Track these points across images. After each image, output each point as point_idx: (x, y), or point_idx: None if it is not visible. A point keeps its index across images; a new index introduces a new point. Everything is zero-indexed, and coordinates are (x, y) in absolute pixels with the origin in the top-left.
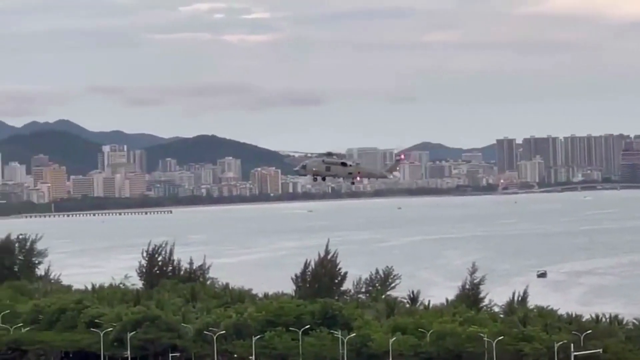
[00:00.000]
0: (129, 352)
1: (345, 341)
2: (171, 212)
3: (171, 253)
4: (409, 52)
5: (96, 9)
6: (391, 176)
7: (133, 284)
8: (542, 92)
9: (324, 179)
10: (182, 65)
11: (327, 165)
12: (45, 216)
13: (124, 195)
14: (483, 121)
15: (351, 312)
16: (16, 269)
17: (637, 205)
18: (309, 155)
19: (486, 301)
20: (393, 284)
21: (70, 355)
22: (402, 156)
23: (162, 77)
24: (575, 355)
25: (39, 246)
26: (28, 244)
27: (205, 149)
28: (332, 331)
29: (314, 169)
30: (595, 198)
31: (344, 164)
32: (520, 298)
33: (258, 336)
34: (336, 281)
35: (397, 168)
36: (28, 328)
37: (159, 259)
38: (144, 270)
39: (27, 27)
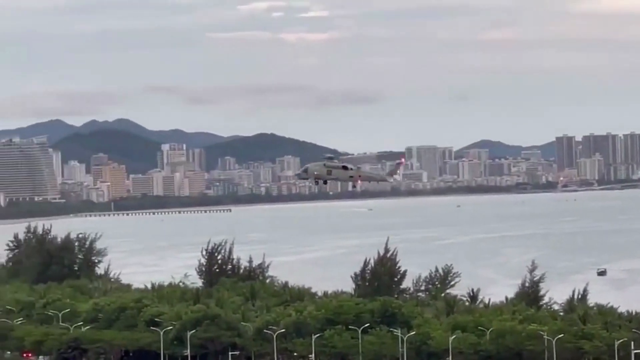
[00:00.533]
0: (188, 350)
1: (404, 339)
2: (230, 210)
3: (230, 251)
4: (468, 50)
5: (155, 8)
6: (391, 180)
7: (193, 283)
8: (601, 89)
9: (325, 182)
10: (241, 63)
11: (329, 169)
12: (104, 215)
13: (183, 194)
14: (542, 118)
15: (411, 311)
16: (76, 268)
17: None
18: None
19: (546, 299)
20: (452, 282)
21: (130, 354)
22: (403, 160)
23: (221, 76)
24: (635, 353)
25: (99, 245)
26: (88, 242)
27: (264, 148)
28: (391, 329)
29: (315, 173)
30: None
31: (345, 168)
32: (580, 296)
33: (317, 335)
34: (396, 279)
35: (398, 171)
36: (88, 327)
37: (219, 257)
38: (204, 268)
39: (86, 27)
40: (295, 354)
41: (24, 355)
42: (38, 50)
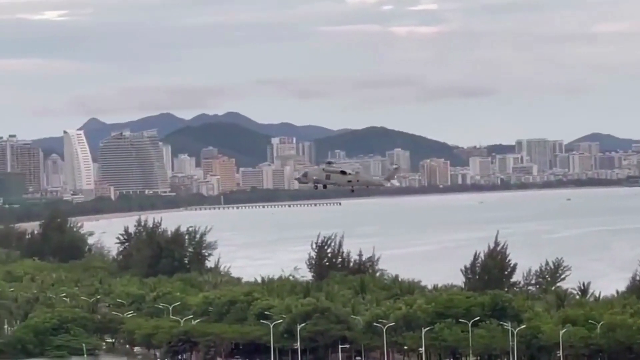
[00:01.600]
0: (298, 343)
1: (514, 333)
2: (340, 204)
3: (340, 245)
4: (578, 43)
5: (265, 2)
6: (388, 184)
7: (303, 276)
8: None
9: (324, 186)
10: (351, 57)
11: (327, 174)
12: (214, 208)
13: (293, 187)
14: None
15: (521, 304)
16: (186, 262)
17: None
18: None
19: None
20: (563, 276)
21: (240, 347)
22: (398, 166)
23: (330, 69)
24: None
25: (209, 238)
26: (198, 236)
27: (374, 141)
28: (501, 323)
29: (314, 177)
30: None
31: (343, 172)
32: None
33: (428, 328)
34: (506, 273)
35: (395, 176)
36: (198, 320)
37: (329, 250)
38: (314, 262)
39: (196, 21)
40: (405, 347)
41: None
42: (149, 45)
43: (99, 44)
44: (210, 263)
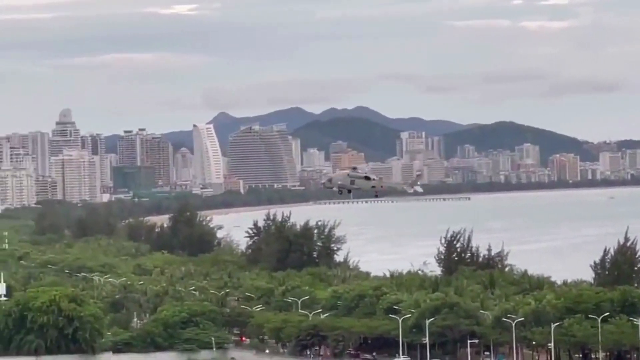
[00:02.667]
0: (427, 338)
1: None
2: (469, 198)
3: (469, 239)
4: None
5: None
6: (411, 190)
7: (432, 271)
8: None
9: (349, 191)
10: (480, 51)
11: (352, 179)
12: (342, 202)
13: (422, 182)
14: None
15: None
16: (315, 255)
17: None
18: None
19: None
20: None
21: (369, 341)
22: (422, 173)
23: (459, 64)
24: None
25: (338, 232)
26: (327, 230)
27: (503, 136)
28: (631, 319)
29: (339, 183)
30: None
31: (367, 178)
32: None
33: (557, 323)
34: (636, 268)
35: (418, 182)
36: (327, 314)
37: (458, 245)
38: (443, 256)
39: (326, 15)
40: (534, 343)
41: (242, 339)
42: (278, 39)
43: (228, 38)
44: (339, 257)
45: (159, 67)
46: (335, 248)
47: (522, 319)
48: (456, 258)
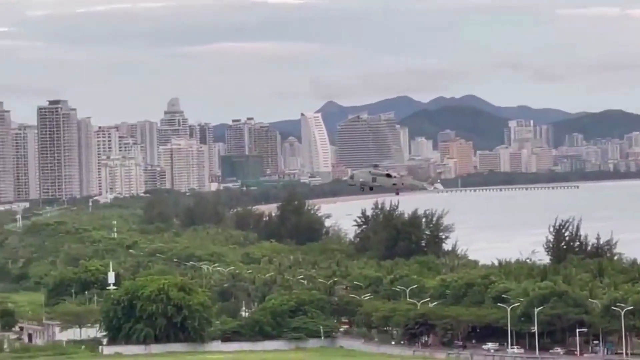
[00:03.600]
0: (536, 327)
1: None
2: (578, 187)
3: (578, 228)
4: None
5: None
6: (431, 188)
7: (540, 259)
8: None
9: (371, 188)
10: (589, 40)
11: (374, 177)
12: (451, 191)
13: (530, 171)
14: None
15: None
16: (423, 244)
17: None
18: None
19: None
20: None
21: (477, 330)
22: (441, 170)
23: (568, 52)
24: None
25: (446, 221)
26: (435, 219)
27: (611, 124)
28: None
29: (361, 180)
30: None
31: (388, 176)
32: None
33: None
34: None
35: (438, 180)
36: (435, 303)
37: (566, 234)
38: (551, 245)
39: (432, 5)
40: None
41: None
42: (387, 28)
43: (337, 27)
44: (447, 246)
45: (268, 56)
46: (443, 236)
47: (632, 307)
48: (565, 247)
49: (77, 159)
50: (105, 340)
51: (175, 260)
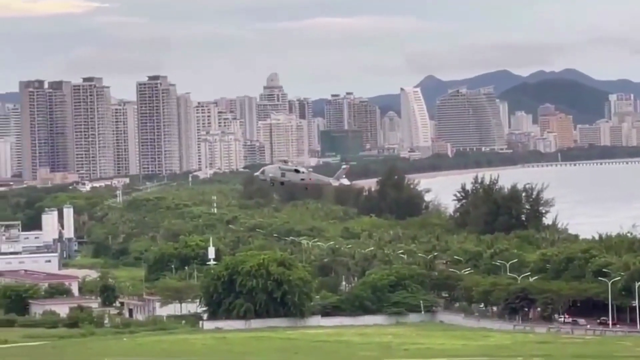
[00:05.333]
0: (637, 301)
1: None
2: None
3: None
4: None
5: None
6: (337, 183)
7: None
8: None
9: (282, 183)
10: None
11: (283, 172)
12: (550, 165)
13: (631, 144)
14: None
15: None
16: (523, 219)
17: None
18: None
19: None
20: None
21: (578, 304)
22: (347, 166)
23: None
24: None
25: (546, 195)
26: (534, 193)
27: None
28: None
29: (270, 175)
30: None
31: (296, 171)
32: None
33: None
34: None
35: (343, 175)
36: (535, 277)
37: None
38: None
39: None
40: None
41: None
42: (485, 2)
43: (435, 1)
44: (547, 220)
45: (366, 30)
46: (543, 211)
47: None
48: None
49: (176, 135)
50: (205, 316)
51: (275, 235)
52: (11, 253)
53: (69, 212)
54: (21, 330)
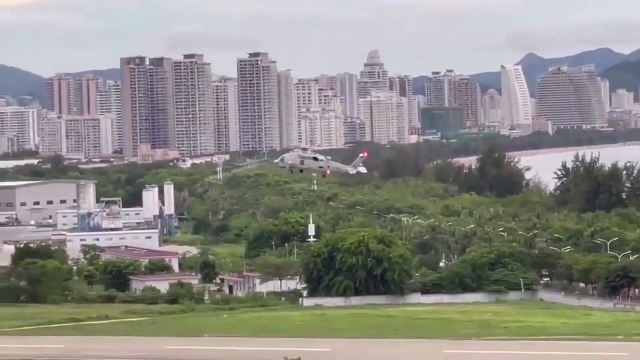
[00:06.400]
0: None
1: None
2: None
3: None
4: None
5: None
6: (354, 171)
7: None
8: None
9: (301, 171)
10: None
11: (302, 159)
12: None
13: None
14: None
15: None
16: (624, 197)
17: None
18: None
19: None
20: None
21: None
22: (365, 154)
23: None
24: None
25: None
26: (635, 171)
27: None
28: None
29: (290, 162)
30: None
31: (315, 159)
32: None
33: None
34: None
35: (361, 164)
36: (636, 255)
37: None
38: None
39: None
40: None
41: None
42: None
43: None
44: None
45: (467, 8)
46: None
47: None
48: None
49: (277, 112)
50: (305, 292)
51: (375, 212)
52: (112, 229)
53: (169, 189)
54: (121, 306)
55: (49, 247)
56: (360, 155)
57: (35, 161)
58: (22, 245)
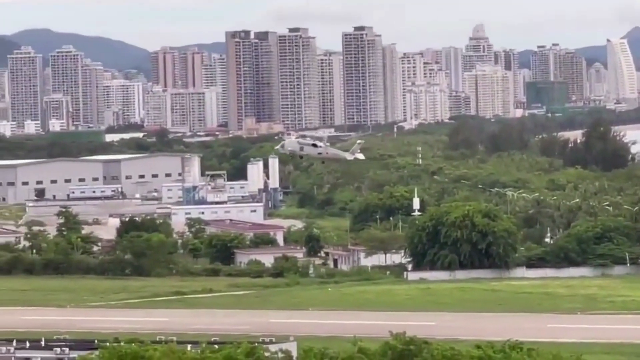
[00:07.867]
0: None
1: None
2: None
3: None
4: None
5: None
6: (352, 157)
7: None
8: None
9: (301, 157)
10: None
11: (301, 146)
12: None
13: None
14: None
15: None
16: None
17: None
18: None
19: None
20: None
21: None
22: (362, 141)
23: None
24: None
25: None
26: None
27: None
28: None
29: (289, 149)
30: None
31: (314, 145)
32: None
33: None
34: None
35: (359, 150)
36: None
37: None
38: None
39: None
40: None
41: None
42: None
43: None
44: None
45: None
46: None
47: None
48: None
49: (381, 86)
50: (409, 266)
51: (479, 186)
52: (217, 203)
53: (274, 162)
54: (226, 279)
55: (154, 221)
56: (358, 141)
57: (140, 135)
58: (127, 219)
